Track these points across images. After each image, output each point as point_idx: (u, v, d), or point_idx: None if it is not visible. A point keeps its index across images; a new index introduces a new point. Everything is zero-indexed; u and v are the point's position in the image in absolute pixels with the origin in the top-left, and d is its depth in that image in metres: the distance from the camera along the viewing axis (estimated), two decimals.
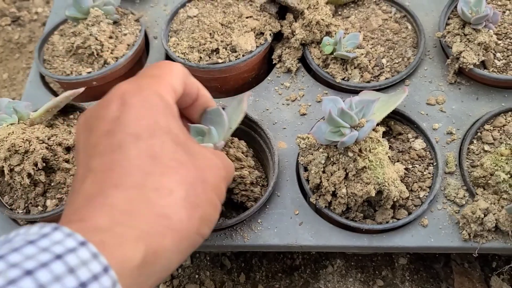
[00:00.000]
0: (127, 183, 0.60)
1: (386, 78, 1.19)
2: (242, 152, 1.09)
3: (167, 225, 0.60)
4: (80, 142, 0.69)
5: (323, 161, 0.99)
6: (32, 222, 1.19)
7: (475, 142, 1.09)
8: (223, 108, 1.01)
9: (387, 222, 1.01)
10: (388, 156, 1.00)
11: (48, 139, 1.07)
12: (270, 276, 1.24)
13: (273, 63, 1.29)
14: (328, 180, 0.98)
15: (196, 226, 0.64)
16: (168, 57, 1.33)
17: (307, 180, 1.05)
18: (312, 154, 1.04)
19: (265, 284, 1.23)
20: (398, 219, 1.02)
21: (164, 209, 0.60)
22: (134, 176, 0.61)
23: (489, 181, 1.00)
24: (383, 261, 1.24)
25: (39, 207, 1.07)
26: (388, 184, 0.96)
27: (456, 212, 1.02)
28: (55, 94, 1.40)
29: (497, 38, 1.17)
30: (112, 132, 0.64)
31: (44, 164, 1.05)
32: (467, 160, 1.07)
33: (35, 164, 1.03)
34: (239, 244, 1.04)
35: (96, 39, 1.26)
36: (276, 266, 1.26)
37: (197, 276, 1.25)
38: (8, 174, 1.02)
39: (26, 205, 1.09)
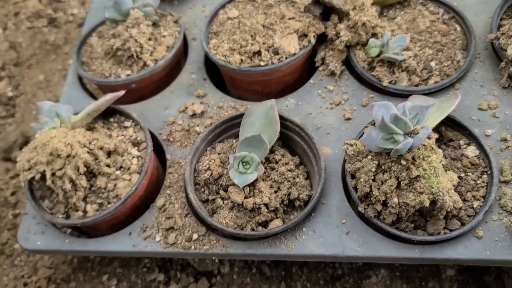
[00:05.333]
0: None
1: (435, 82, 1.14)
2: (289, 170, 1.07)
3: None
4: None
5: (373, 169, 0.94)
6: (73, 227, 1.19)
7: None
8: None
9: (438, 233, 0.97)
10: (442, 164, 0.95)
11: (90, 143, 1.05)
12: (311, 286, 1.21)
13: (316, 65, 1.25)
14: (378, 189, 0.94)
15: None
16: (208, 59, 1.31)
17: (355, 188, 1.01)
18: (360, 161, 1.00)
19: None
20: (451, 230, 0.97)
21: None
22: None
23: None
24: (430, 272, 1.19)
25: (79, 212, 1.06)
26: (443, 194, 0.91)
27: None
28: (93, 95, 1.39)
29: None
30: None
31: (85, 168, 1.03)
32: None
33: (77, 169, 1.02)
34: (283, 254, 1.01)
35: (136, 41, 1.24)
36: (318, 275, 1.22)
37: (236, 284, 1.22)
38: (50, 178, 1.01)
39: (66, 209, 1.07)
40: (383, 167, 0.94)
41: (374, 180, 0.96)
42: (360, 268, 1.21)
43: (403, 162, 0.91)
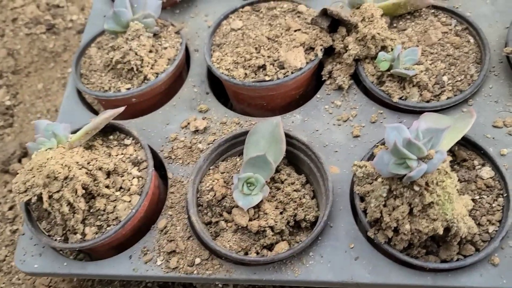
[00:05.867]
0: None
1: (448, 98, 1.10)
2: (295, 190, 1.03)
3: None
4: None
5: (384, 194, 0.90)
6: (72, 251, 1.14)
7: None
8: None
9: (452, 259, 0.92)
10: (457, 189, 0.91)
11: (88, 163, 1.01)
12: None
13: (323, 79, 1.20)
14: (390, 215, 0.90)
15: None
16: (210, 72, 1.26)
17: (364, 212, 0.97)
18: (370, 183, 0.95)
19: None
20: (465, 256, 0.93)
21: None
22: None
23: None
24: None
25: (77, 234, 1.02)
26: (457, 220, 0.87)
27: None
28: (91, 107, 1.34)
29: None
30: None
31: (83, 190, 0.99)
32: None
33: (75, 191, 0.98)
34: (289, 279, 0.97)
35: (136, 54, 1.20)
36: None
37: None
38: (46, 201, 0.97)
39: (64, 231, 1.03)
40: (394, 193, 0.89)
41: (385, 206, 0.91)
42: None
43: (416, 188, 0.86)
